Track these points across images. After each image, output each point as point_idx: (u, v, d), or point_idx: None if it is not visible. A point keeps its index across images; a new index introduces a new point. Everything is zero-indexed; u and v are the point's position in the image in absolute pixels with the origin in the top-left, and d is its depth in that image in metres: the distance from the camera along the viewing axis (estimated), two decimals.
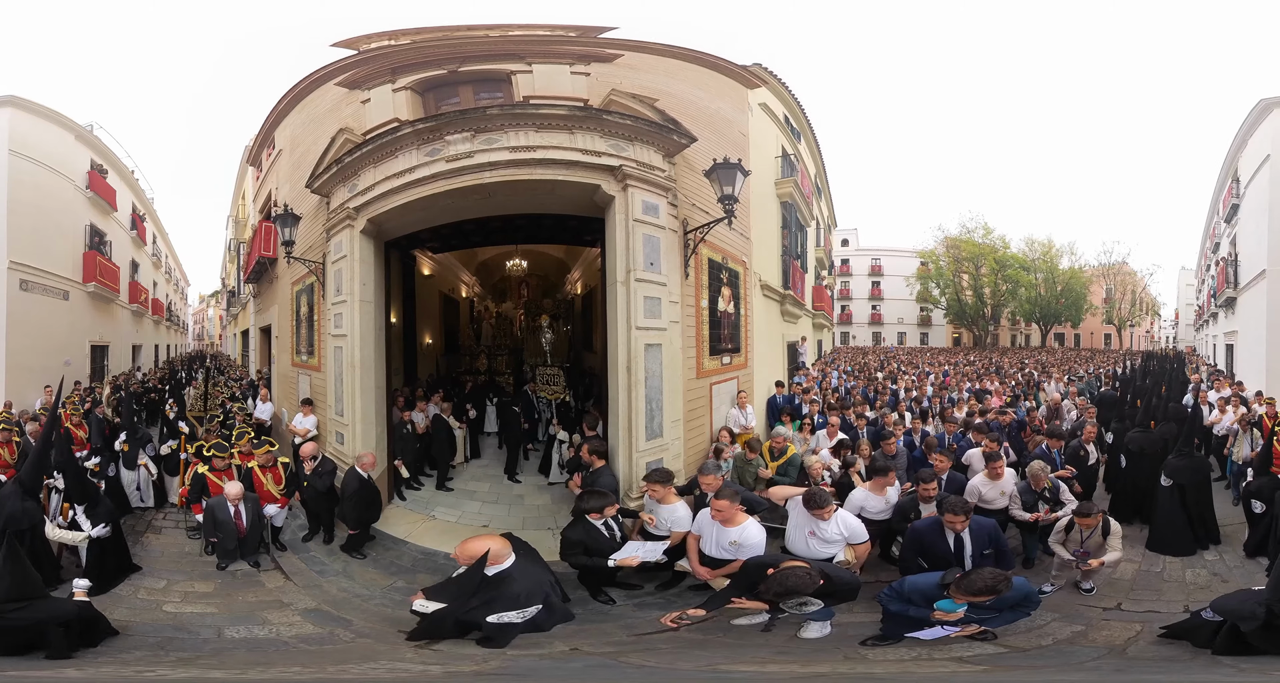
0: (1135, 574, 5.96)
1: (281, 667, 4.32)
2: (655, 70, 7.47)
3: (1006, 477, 6.23)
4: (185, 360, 19.43)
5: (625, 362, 6.64)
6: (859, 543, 5.01)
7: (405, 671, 4.05)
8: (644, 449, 6.66)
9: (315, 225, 8.73)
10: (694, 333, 7.50)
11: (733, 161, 6.67)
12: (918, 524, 5.25)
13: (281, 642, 4.97)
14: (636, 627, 5.04)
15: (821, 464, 6.89)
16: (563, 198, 7.20)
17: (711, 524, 4.91)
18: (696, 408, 7.56)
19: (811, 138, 13.96)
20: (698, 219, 7.33)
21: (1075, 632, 4.90)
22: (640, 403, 6.61)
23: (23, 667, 4.17)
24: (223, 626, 5.20)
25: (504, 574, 4.40)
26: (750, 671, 4.04)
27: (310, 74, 8.72)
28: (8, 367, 11.67)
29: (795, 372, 12.37)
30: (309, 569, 6.53)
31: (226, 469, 6.85)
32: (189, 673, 4.03)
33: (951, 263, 20.08)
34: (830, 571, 4.44)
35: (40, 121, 12.93)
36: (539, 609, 4.37)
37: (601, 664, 4.03)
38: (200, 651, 4.72)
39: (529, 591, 4.35)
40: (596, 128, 6.71)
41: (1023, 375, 14.58)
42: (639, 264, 6.60)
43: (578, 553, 5.26)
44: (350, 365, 7.93)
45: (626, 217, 6.64)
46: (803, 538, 4.97)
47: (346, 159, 7.73)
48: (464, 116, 6.98)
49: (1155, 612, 5.17)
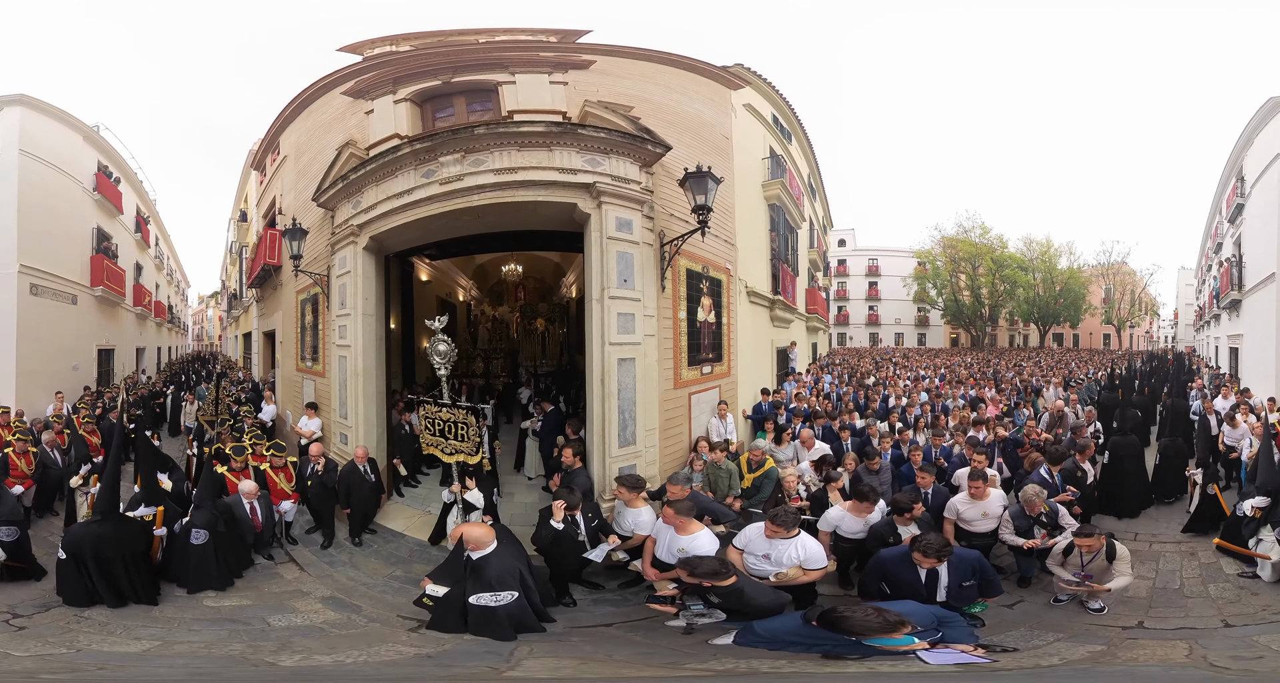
0: (1151, 592, 5.65)
1: (343, 652, 4.63)
2: (631, 75, 7.58)
3: (992, 498, 5.92)
4: (187, 362, 19.73)
5: (600, 375, 6.82)
6: (814, 568, 4.85)
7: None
8: (616, 455, 6.84)
9: (320, 237, 9.06)
10: (671, 344, 7.61)
11: (704, 170, 6.63)
12: (884, 554, 5.02)
13: (317, 628, 5.33)
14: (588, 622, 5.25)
15: (796, 477, 6.69)
16: (545, 216, 7.37)
17: (666, 530, 5.08)
18: (674, 417, 7.68)
19: (803, 138, 13.89)
20: (676, 229, 7.37)
21: (1093, 652, 4.56)
22: (613, 413, 6.79)
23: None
24: (265, 615, 5.57)
25: (484, 560, 4.79)
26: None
27: (316, 81, 8.99)
28: (18, 372, 11.68)
29: (786, 378, 12.35)
30: (320, 561, 7.00)
31: (243, 469, 7.28)
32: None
33: (949, 263, 19.92)
34: (750, 589, 4.43)
35: (50, 122, 12.97)
36: (514, 598, 4.68)
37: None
38: (268, 638, 5.02)
39: (500, 576, 4.69)
40: (573, 143, 6.83)
41: (1020, 381, 14.29)
42: (612, 281, 6.72)
43: (546, 534, 5.56)
44: (354, 373, 8.38)
45: (601, 234, 6.76)
46: (754, 559, 4.90)
47: (351, 176, 8.07)
48: (455, 137, 7.21)
49: (1190, 628, 4.88)
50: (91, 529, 5.63)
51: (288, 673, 4.20)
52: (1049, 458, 6.87)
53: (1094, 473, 7.38)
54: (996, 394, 12.41)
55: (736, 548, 5.04)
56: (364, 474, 7.46)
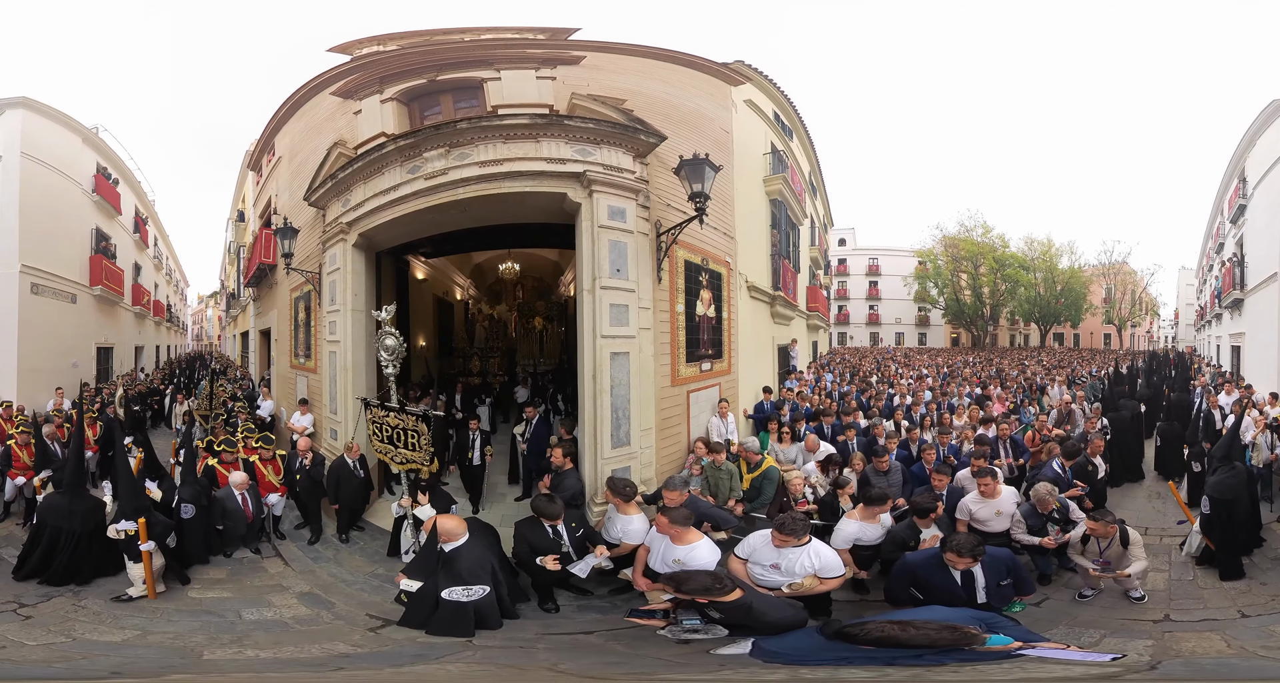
0: (1169, 584, 5.74)
1: (283, 648, 4.77)
2: (625, 70, 7.50)
3: (1004, 495, 5.75)
4: (185, 361, 19.78)
5: (591, 370, 6.66)
6: (831, 577, 4.60)
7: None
8: (609, 456, 6.66)
9: (312, 236, 9.10)
10: (668, 339, 7.48)
11: (701, 157, 6.43)
12: (912, 558, 4.75)
13: (281, 623, 5.43)
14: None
15: (803, 480, 6.41)
16: (534, 207, 7.26)
17: (661, 539, 4.77)
18: (671, 416, 7.51)
19: (804, 135, 13.79)
20: (673, 220, 7.25)
21: (1148, 646, 4.53)
22: (606, 411, 6.62)
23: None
24: (240, 608, 5.70)
25: (456, 552, 4.75)
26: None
27: (308, 82, 9.01)
28: (20, 369, 11.85)
29: (787, 376, 12.22)
30: (305, 556, 7.02)
31: (234, 462, 7.40)
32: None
33: (950, 262, 19.81)
34: (760, 603, 4.11)
35: (50, 124, 13.08)
36: (485, 593, 4.61)
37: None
38: (231, 631, 5.20)
39: (471, 569, 4.64)
40: (560, 134, 6.74)
41: (1025, 379, 14.21)
42: (604, 271, 6.59)
43: (524, 548, 5.36)
44: (344, 369, 8.38)
45: (592, 223, 6.63)
46: (761, 569, 4.61)
47: (340, 174, 8.09)
48: (438, 132, 7.17)
49: (1212, 620, 4.93)
50: (53, 499, 6.13)
51: (207, 666, 4.38)
52: (1064, 452, 6.76)
53: (1104, 469, 7.28)
54: (1002, 392, 12.26)
55: (740, 558, 4.75)
56: (353, 470, 7.42)
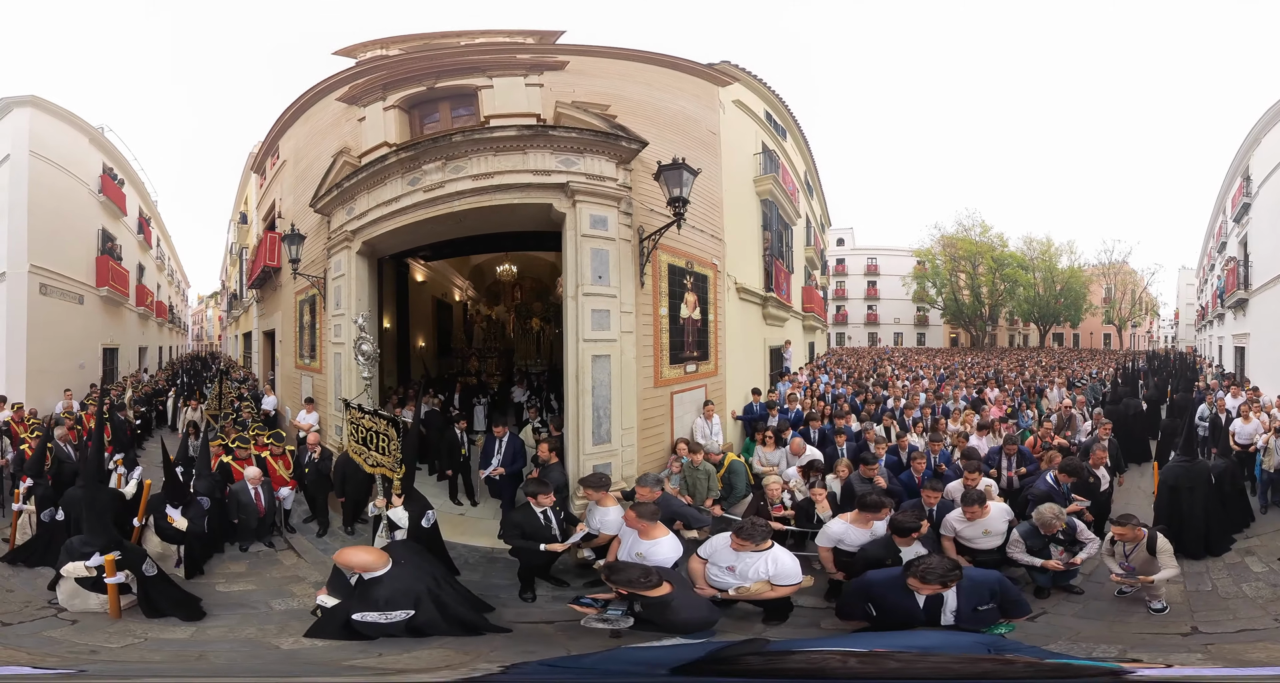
0: (1186, 595, 5.51)
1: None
2: (608, 74, 7.64)
3: (992, 513, 5.48)
4: (187, 361, 20.06)
5: (574, 372, 6.87)
6: (785, 584, 4.61)
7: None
8: (590, 453, 6.87)
9: (317, 241, 9.39)
10: (651, 342, 7.61)
11: (679, 161, 6.49)
12: (872, 576, 4.57)
13: (311, 612, 5.58)
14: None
15: (780, 484, 6.39)
16: (524, 217, 7.48)
17: (631, 532, 5.03)
18: (654, 417, 7.66)
19: (798, 134, 13.76)
20: (658, 224, 7.36)
21: (1201, 660, 4.36)
22: (588, 411, 6.82)
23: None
24: (268, 599, 6.03)
25: (375, 580, 4.78)
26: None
27: (314, 86, 9.21)
28: (29, 371, 11.93)
29: (780, 377, 12.22)
30: (315, 548, 7.36)
31: (246, 459, 7.69)
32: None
33: (948, 262, 19.73)
34: (679, 602, 4.18)
35: (58, 123, 13.13)
36: (408, 615, 4.67)
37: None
38: (270, 621, 5.51)
39: (391, 597, 4.66)
40: (546, 145, 6.91)
41: (1023, 381, 14.03)
42: (586, 278, 6.76)
43: (515, 535, 5.59)
44: (348, 369, 8.59)
45: (575, 232, 6.82)
46: (717, 570, 4.71)
47: (345, 184, 8.37)
48: (436, 145, 7.42)
49: (1252, 629, 4.77)
50: (74, 493, 6.41)
51: (283, 656, 4.66)
52: (1064, 469, 6.41)
53: (1107, 480, 6.98)
54: (1000, 394, 12.10)
55: (700, 557, 4.89)
56: (358, 465, 7.59)
